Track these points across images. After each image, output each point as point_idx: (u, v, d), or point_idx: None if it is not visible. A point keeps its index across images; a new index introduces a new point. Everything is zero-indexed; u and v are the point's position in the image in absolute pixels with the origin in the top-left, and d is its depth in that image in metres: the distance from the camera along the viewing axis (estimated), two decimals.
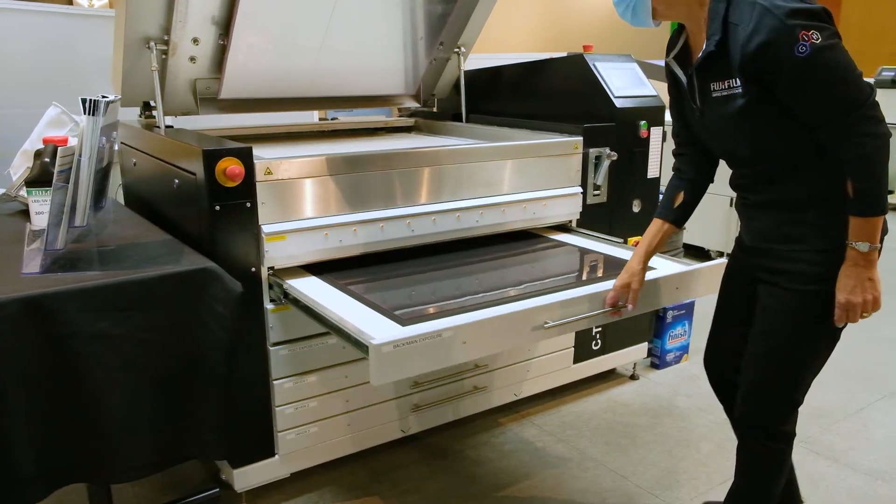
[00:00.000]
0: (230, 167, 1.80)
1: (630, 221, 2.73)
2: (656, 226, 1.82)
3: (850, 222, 1.50)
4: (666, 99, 1.93)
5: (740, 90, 1.51)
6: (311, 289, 1.88)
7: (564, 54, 5.58)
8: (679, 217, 1.82)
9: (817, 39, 1.38)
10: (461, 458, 2.44)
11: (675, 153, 1.85)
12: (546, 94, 2.85)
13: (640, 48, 10.52)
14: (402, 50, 2.82)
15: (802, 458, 2.48)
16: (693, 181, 1.81)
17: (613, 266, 2.10)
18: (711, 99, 1.58)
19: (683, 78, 1.66)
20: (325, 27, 2.52)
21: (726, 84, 1.53)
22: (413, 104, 3.10)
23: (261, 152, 2.28)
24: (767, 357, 1.68)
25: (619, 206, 2.69)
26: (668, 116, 2.06)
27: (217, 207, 1.82)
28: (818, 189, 1.55)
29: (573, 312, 1.68)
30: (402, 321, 1.64)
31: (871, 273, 1.52)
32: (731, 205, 4.50)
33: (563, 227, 2.56)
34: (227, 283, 1.72)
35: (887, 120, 1.55)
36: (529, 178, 2.42)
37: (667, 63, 1.73)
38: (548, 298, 1.71)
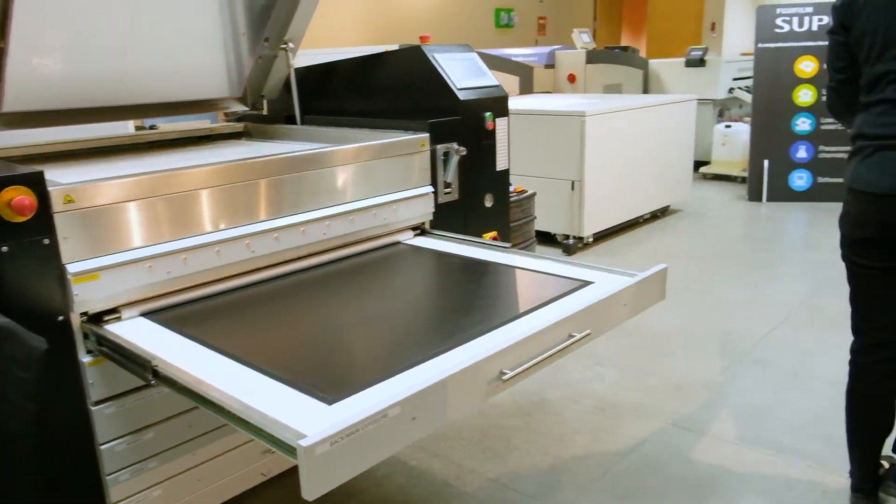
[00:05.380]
0: (17, 198, 1.47)
1: (484, 217, 2.63)
2: None
3: None
4: (509, 88, 1.83)
5: None
6: (177, 354, 1.47)
7: (396, 47, 5.45)
8: None
9: None
10: (331, 492, 2.23)
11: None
12: (385, 90, 2.68)
13: (471, 38, 10.63)
14: (223, 47, 2.54)
15: (671, 435, 2.51)
16: None
17: (503, 274, 1.97)
18: None
19: None
20: (129, 23, 2.19)
21: None
22: (240, 107, 2.82)
23: (60, 175, 1.94)
24: None
25: (472, 202, 2.59)
26: (514, 105, 1.95)
27: (4, 248, 1.49)
28: None
29: (533, 353, 1.43)
30: (327, 397, 1.27)
31: None
32: (572, 188, 4.59)
33: (418, 230, 2.41)
34: (27, 341, 1.40)
35: (697, 94, 1.52)
36: (377, 182, 2.24)
37: None
38: (496, 339, 1.43)
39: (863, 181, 1.86)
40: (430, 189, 2.39)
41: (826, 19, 5.89)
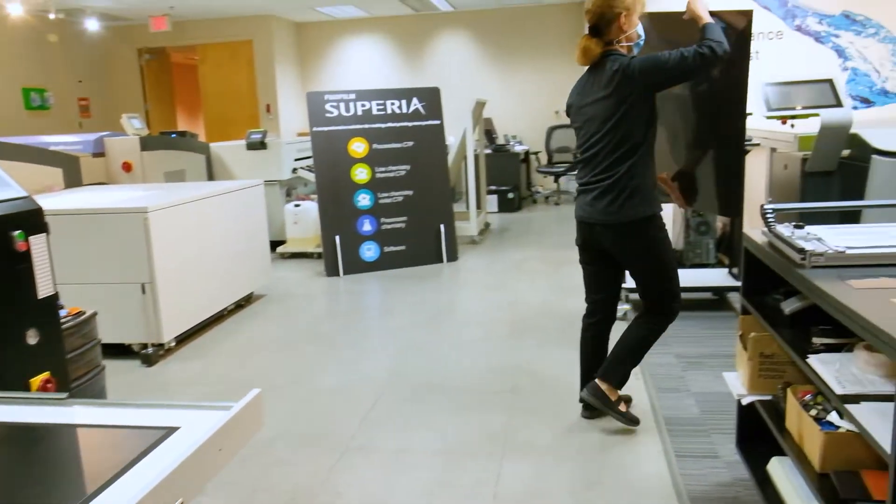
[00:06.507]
0: None
1: (28, 359, 2.11)
2: None
3: None
4: (52, 181, 1.46)
5: None
6: None
7: None
8: None
9: None
10: None
11: None
12: None
13: None
14: None
15: None
16: None
17: (61, 439, 1.51)
18: None
19: None
20: None
21: None
22: None
23: None
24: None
25: (9, 343, 2.05)
26: (59, 203, 1.57)
27: None
28: None
29: None
30: None
31: None
32: (143, 292, 4.12)
33: None
34: None
35: (263, 176, 1.44)
36: None
37: None
38: None
39: (576, 212, 3.06)
40: None
41: (368, 105, 6.49)
